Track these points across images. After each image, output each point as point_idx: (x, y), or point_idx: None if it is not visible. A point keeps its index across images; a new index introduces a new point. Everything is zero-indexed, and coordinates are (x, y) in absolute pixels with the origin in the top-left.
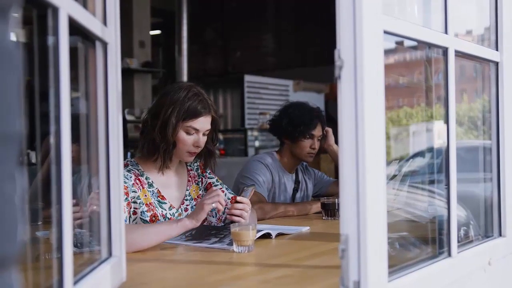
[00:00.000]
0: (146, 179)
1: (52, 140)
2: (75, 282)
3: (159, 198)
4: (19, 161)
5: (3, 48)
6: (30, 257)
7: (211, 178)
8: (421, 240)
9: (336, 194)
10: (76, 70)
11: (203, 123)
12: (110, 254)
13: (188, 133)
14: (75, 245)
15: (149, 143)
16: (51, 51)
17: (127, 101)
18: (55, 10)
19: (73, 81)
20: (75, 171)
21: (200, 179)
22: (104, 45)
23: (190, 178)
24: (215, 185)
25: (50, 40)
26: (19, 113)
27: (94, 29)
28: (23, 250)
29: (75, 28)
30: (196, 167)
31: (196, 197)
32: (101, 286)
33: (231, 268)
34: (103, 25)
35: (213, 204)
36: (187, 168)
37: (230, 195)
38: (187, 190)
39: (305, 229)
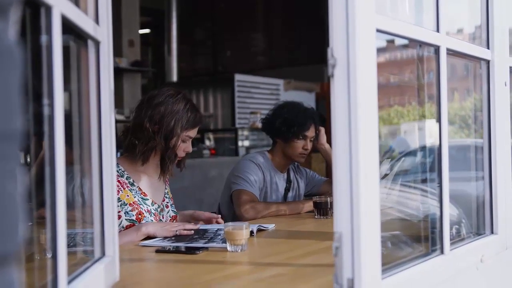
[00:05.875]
0: (126, 179)
1: (45, 140)
2: (69, 282)
3: (141, 195)
4: (19, 159)
5: (4, 47)
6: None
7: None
8: (413, 238)
9: (328, 193)
10: (68, 69)
11: (196, 131)
12: (103, 253)
13: (183, 141)
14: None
15: (150, 150)
16: (44, 50)
17: (116, 100)
18: (48, 9)
19: (65, 80)
20: (67, 172)
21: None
22: (97, 44)
23: (167, 179)
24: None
25: (43, 38)
26: (20, 111)
27: (86, 27)
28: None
29: (67, 27)
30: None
31: (171, 196)
32: (95, 285)
33: (224, 268)
34: (95, 24)
35: (177, 232)
36: None
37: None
38: (166, 188)
39: (271, 226)
